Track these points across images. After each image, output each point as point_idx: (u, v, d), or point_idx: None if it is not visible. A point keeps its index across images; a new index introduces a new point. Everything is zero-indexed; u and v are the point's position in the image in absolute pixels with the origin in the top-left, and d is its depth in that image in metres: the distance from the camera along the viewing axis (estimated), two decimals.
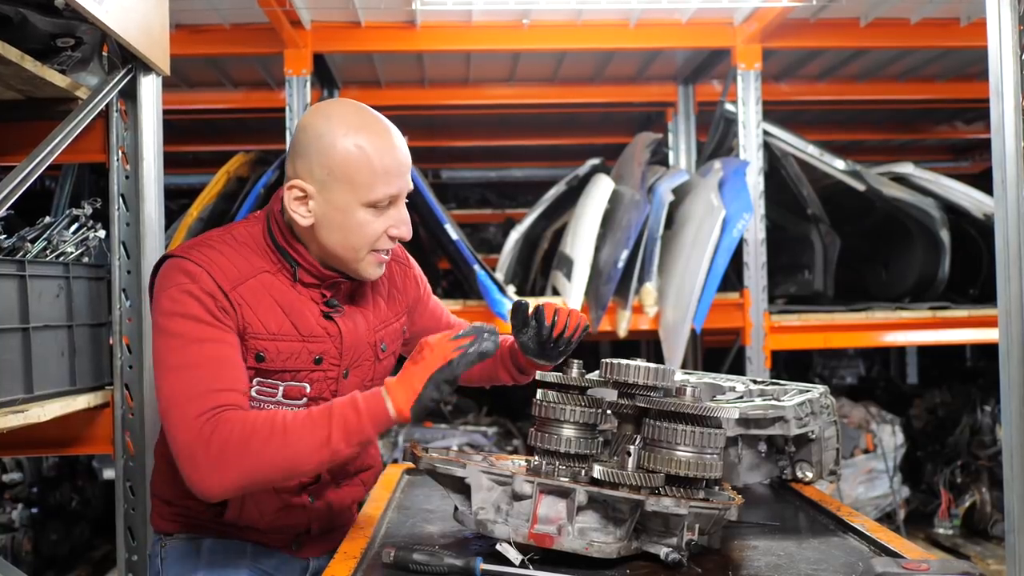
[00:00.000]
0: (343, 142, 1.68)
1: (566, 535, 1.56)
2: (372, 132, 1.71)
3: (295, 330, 1.75)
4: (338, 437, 1.57)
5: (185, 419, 1.58)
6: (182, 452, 1.58)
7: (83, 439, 2.69)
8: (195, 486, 1.58)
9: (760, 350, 4.20)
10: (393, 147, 1.72)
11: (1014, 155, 2.25)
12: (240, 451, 1.55)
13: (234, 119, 5.86)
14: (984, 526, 4.96)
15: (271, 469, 1.57)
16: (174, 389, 1.61)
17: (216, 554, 1.84)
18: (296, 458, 1.57)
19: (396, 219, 1.74)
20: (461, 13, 4.04)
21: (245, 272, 1.72)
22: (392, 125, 1.76)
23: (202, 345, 1.63)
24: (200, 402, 1.59)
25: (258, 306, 1.71)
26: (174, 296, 1.66)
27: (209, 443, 1.55)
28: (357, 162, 1.68)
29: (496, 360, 2.05)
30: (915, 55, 4.99)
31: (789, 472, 2.12)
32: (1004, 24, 2.26)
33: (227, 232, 1.79)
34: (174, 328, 1.64)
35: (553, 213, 4.90)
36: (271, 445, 1.55)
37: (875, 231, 4.78)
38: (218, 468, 1.56)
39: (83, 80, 2.57)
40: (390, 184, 1.71)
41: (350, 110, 1.73)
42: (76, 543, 4.79)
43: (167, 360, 1.64)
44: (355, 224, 1.71)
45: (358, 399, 1.59)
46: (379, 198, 1.70)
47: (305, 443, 1.56)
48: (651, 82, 5.40)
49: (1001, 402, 2.31)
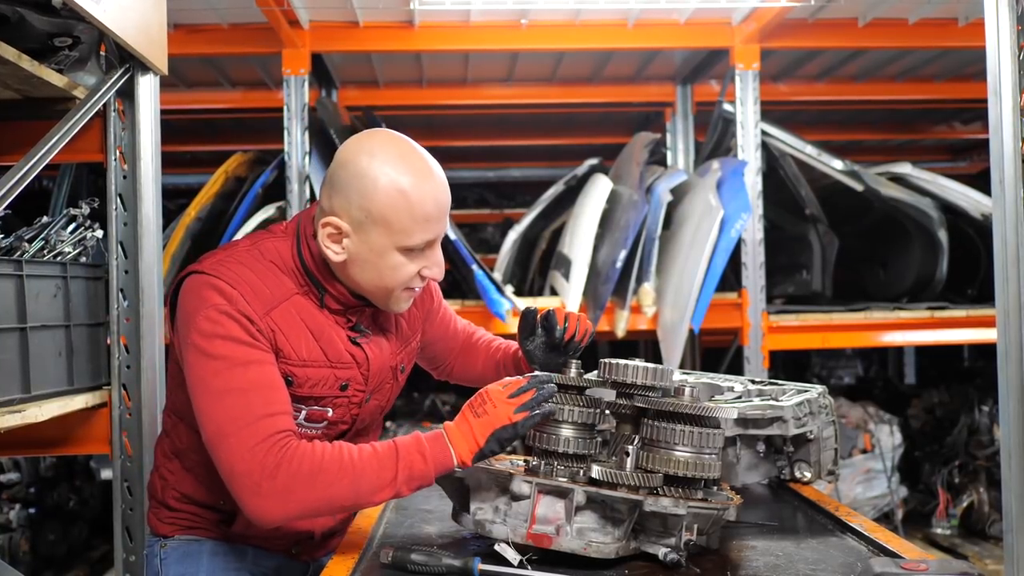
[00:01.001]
0: (384, 185, 1.63)
1: (564, 535, 1.56)
2: (415, 176, 1.65)
3: (324, 356, 1.73)
4: (403, 479, 1.57)
5: (244, 447, 1.55)
6: (242, 480, 1.56)
7: (80, 439, 2.69)
8: (254, 512, 1.57)
9: (758, 350, 4.20)
10: (435, 192, 1.67)
11: (1012, 155, 2.25)
12: (308, 485, 1.55)
13: (232, 119, 5.85)
14: (982, 526, 4.96)
15: (335, 504, 1.58)
16: (226, 416, 1.58)
17: (217, 556, 1.84)
18: (361, 496, 1.58)
19: (431, 261, 1.72)
20: (459, 13, 4.03)
21: (277, 295, 1.69)
22: (434, 165, 1.70)
23: (247, 368, 1.61)
24: (257, 429, 1.56)
25: (290, 331, 1.69)
26: (212, 317, 1.61)
27: (275, 475, 1.54)
28: (396, 208, 1.63)
29: (499, 368, 2.05)
30: (913, 55, 5.00)
31: (787, 472, 2.12)
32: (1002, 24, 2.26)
33: (254, 247, 1.74)
34: (216, 350, 1.60)
35: (551, 213, 4.90)
36: (341, 482, 1.56)
37: (873, 231, 4.78)
38: (283, 499, 1.55)
39: (81, 80, 2.56)
40: (428, 231, 1.67)
41: (393, 150, 1.67)
42: (73, 543, 4.78)
43: (212, 384, 1.60)
44: (388, 266, 1.68)
45: (424, 444, 1.59)
46: (416, 244, 1.68)
47: (371, 483, 1.57)
48: (649, 82, 5.39)
49: (999, 402, 2.31)
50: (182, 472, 1.83)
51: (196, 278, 1.67)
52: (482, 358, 2.09)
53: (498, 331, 3.89)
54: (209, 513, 1.83)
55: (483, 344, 2.11)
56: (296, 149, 4.11)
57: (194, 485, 1.82)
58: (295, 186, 4.09)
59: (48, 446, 2.75)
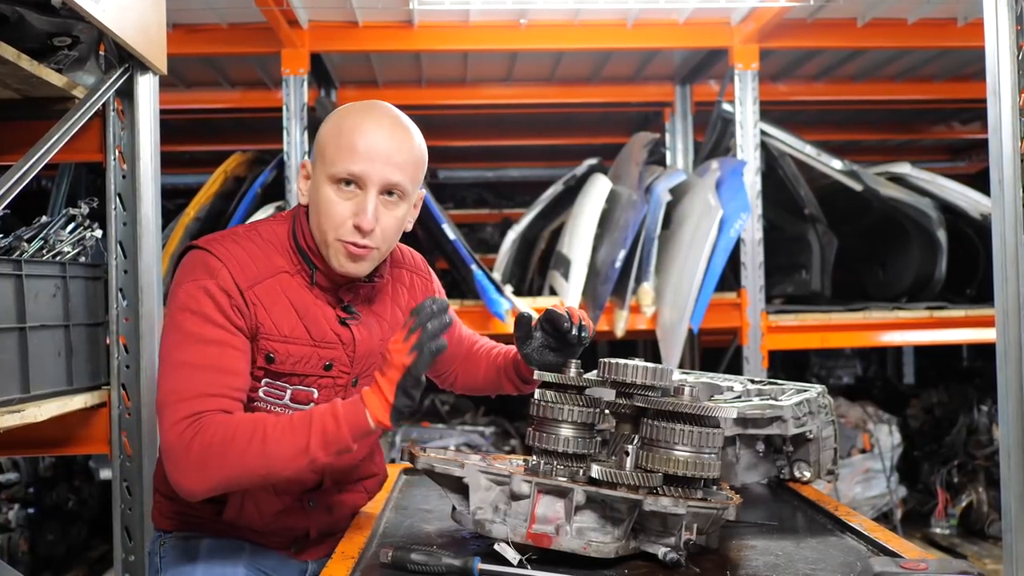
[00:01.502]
0: (332, 119, 1.75)
1: (564, 535, 1.56)
2: (359, 112, 1.74)
3: (307, 334, 1.75)
4: (316, 445, 1.57)
5: (173, 420, 1.61)
6: (166, 452, 1.62)
7: (80, 439, 2.69)
8: (176, 485, 1.62)
9: (757, 350, 4.20)
10: (372, 130, 1.71)
11: (1011, 155, 2.25)
12: (220, 456, 1.57)
13: (231, 119, 5.85)
14: (981, 525, 4.96)
15: (249, 474, 1.59)
16: (171, 386, 1.64)
17: (214, 552, 1.84)
18: (274, 465, 1.58)
19: (359, 207, 1.71)
20: (458, 13, 4.03)
21: (264, 271, 1.73)
22: (395, 116, 1.76)
23: (207, 346, 1.65)
24: (190, 405, 1.61)
25: (273, 307, 1.72)
26: (191, 291, 1.67)
27: (190, 447, 1.58)
28: (328, 135, 1.73)
29: (500, 373, 2.05)
30: (912, 55, 5.00)
31: (787, 472, 2.12)
32: (1001, 24, 2.26)
33: (253, 229, 1.80)
34: (184, 324, 1.66)
35: (550, 213, 4.90)
36: (250, 451, 1.57)
37: (872, 231, 4.78)
38: (199, 472, 1.58)
39: (80, 79, 2.56)
40: (352, 161, 1.69)
41: (368, 101, 1.79)
42: (73, 543, 4.78)
43: (171, 355, 1.66)
44: (322, 201, 1.72)
45: (338, 408, 1.59)
46: (337, 172, 1.70)
47: (284, 450, 1.57)
48: (648, 82, 5.40)
49: (998, 402, 2.31)
50: None
51: (191, 252, 1.74)
52: (483, 365, 2.09)
53: (497, 331, 3.89)
54: (205, 505, 1.82)
55: (484, 351, 2.11)
56: (295, 149, 4.11)
57: None
58: (294, 186, 4.09)
59: (47, 446, 2.75)
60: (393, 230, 1.76)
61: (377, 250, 1.75)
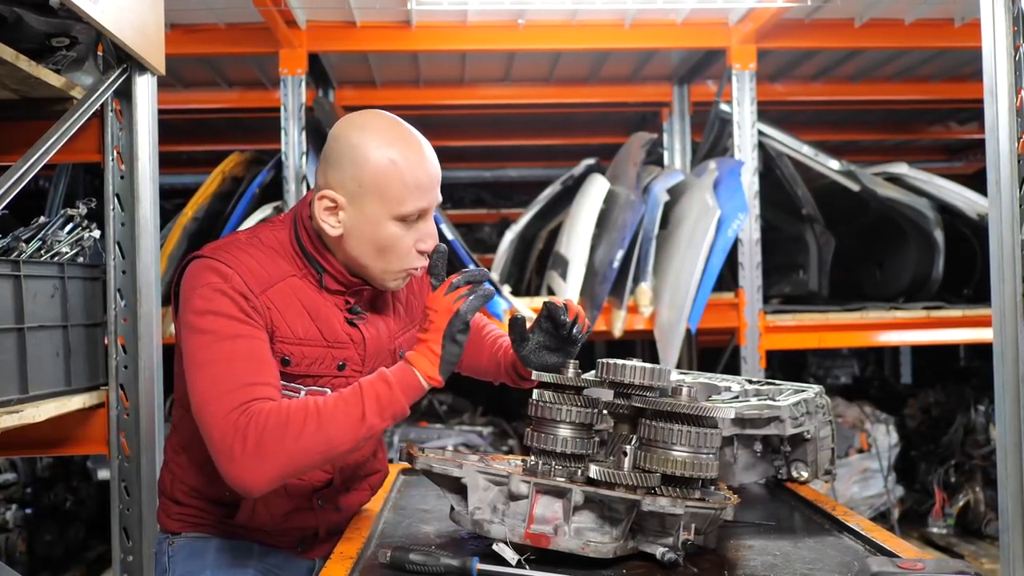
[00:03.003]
0: (376, 154, 1.68)
1: (562, 535, 1.56)
2: (405, 145, 1.71)
3: (321, 335, 1.75)
4: (372, 412, 1.59)
5: (220, 414, 1.57)
6: (219, 448, 1.57)
7: (78, 439, 2.69)
8: (235, 480, 1.56)
9: (755, 350, 4.21)
10: (425, 161, 1.72)
11: (1008, 155, 2.26)
12: (278, 440, 1.55)
13: (229, 119, 5.85)
14: (978, 525, 4.97)
15: (310, 453, 1.57)
16: (208, 385, 1.61)
17: (224, 553, 1.85)
18: (334, 438, 1.58)
19: (424, 232, 1.74)
20: (456, 13, 4.03)
21: (273, 276, 1.72)
22: (424, 139, 1.76)
23: (235, 341, 1.63)
24: (234, 396, 1.58)
25: (286, 310, 1.72)
26: (206, 295, 1.65)
27: (245, 436, 1.55)
28: (389, 175, 1.68)
29: (500, 368, 2.06)
30: (910, 55, 5.01)
31: (785, 472, 2.12)
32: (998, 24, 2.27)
33: (254, 235, 1.79)
34: (206, 325, 1.64)
35: (548, 213, 4.90)
36: (307, 430, 1.56)
37: (870, 231, 4.79)
38: (258, 461, 1.55)
39: (78, 80, 2.56)
40: (421, 198, 1.71)
41: (383, 122, 1.74)
42: (71, 544, 4.77)
43: (199, 357, 1.63)
44: (384, 237, 1.71)
45: (387, 373, 1.62)
46: (409, 212, 1.70)
47: (340, 422, 1.58)
48: (646, 82, 5.40)
49: (995, 401, 2.32)
50: (190, 466, 1.84)
51: (196, 262, 1.72)
52: (487, 353, 2.11)
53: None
54: (216, 508, 1.84)
55: (490, 339, 2.12)
56: (293, 149, 4.11)
57: (201, 479, 1.83)
58: (292, 186, 4.09)
59: (45, 446, 2.75)
60: None
61: None
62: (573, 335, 1.85)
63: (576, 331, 1.85)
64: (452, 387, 5.56)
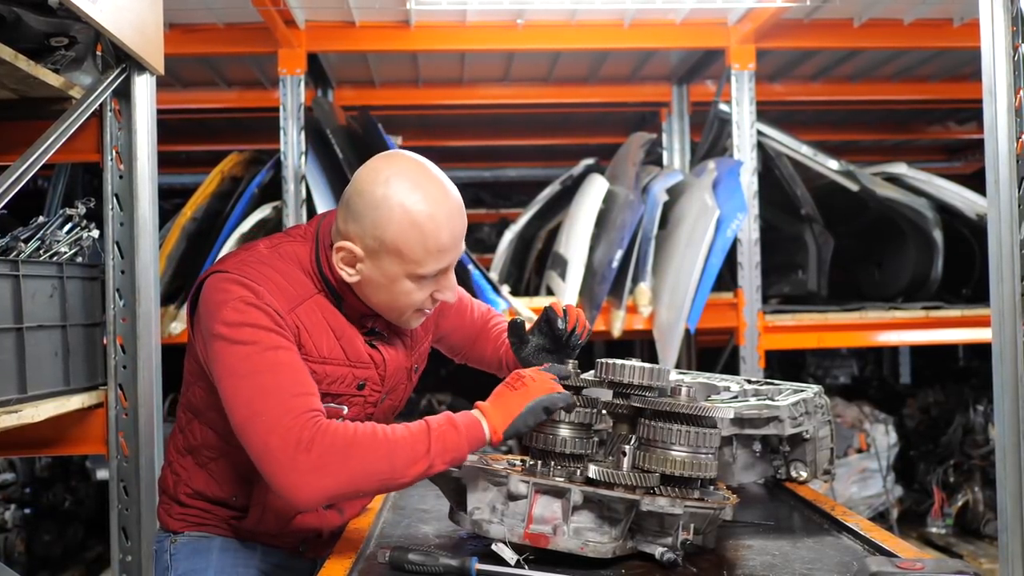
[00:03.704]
0: (399, 217, 1.64)
1: (561, 535, 1.56)
2: (429, 207, 1.66)
3: (344, 355, 1.75)
4: (437, 451, 1.57)
5: (278, 423, 1.55)
6: (276, 456, 1.54)
7: (77, 439, 2.69)
8: (288, 490, 1.54)
9: (754, 350, 4.21)
10: (449, 223, 1.69)
11: (1007, 155, 2.26)
12: (343, 459, 1.54)
13: (228, 119, 5.84)
14: (977, 525, 4.97)
15: (371, 478, 1.56)
16: (254, 395, 1.58)
17: (226, 552, 1.85)
18: (396, 469, 1.56)
19: (443, 285, 1.74)
20: (455, 13, 4.03)
21: (301, 294, 1.72)
22: (451, 191, 1.71)
23: (276, 352, 1.62)
24: (291, 405, 1.57)
25: (313, 329, 1.71)
26: (239, 308, 1.63)
27: (310, 448, 1.53)
28: (409, 240, 1.65)
29: (501, 363, 2.09)
30: (908, 55, 5.01)
31: (783, 472, 2.12)
32: (997, 24, 2.27)
33: (274, 249, 1.77)
34: (244, 337, 1.61)
35: (547, 213, 4.90)
36: (375, 454, 1.55)
37: (868, 231, 4.79)
38: (319, 474, 1.53)
39: (77, 79, 2.56)
40: (441, 260, 1.70)
41: (409, 179, 1.67)
42: (69, 544, 4.77)
43: (240, 367, 1.60)
44: (400, 291, 1.71)
45: (455, 419, 1.61)
46: (428, 273, 1.70)
47: (406, 454, 1.56)
48: (645, 82, 5.40)
49: (994, 401, 2.32)
50: (195, 468, 1.84)
51: (220, 276, 1.69)
52: (491, 346, 2.13)
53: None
54: (220, 509, 1.84)
55: (495, 332, 2.14)
56: (292, 149, 4.11)
57: (207, 481, 1.83)
58: (291, 186, 4.09)
59: (44, 446, 2.75)
60: None
61: None
62: (571, 342, 1.85)
63: (574, 339, 1.86)
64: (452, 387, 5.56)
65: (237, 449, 1.72)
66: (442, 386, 5.59)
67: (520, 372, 1.67)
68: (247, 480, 1.80)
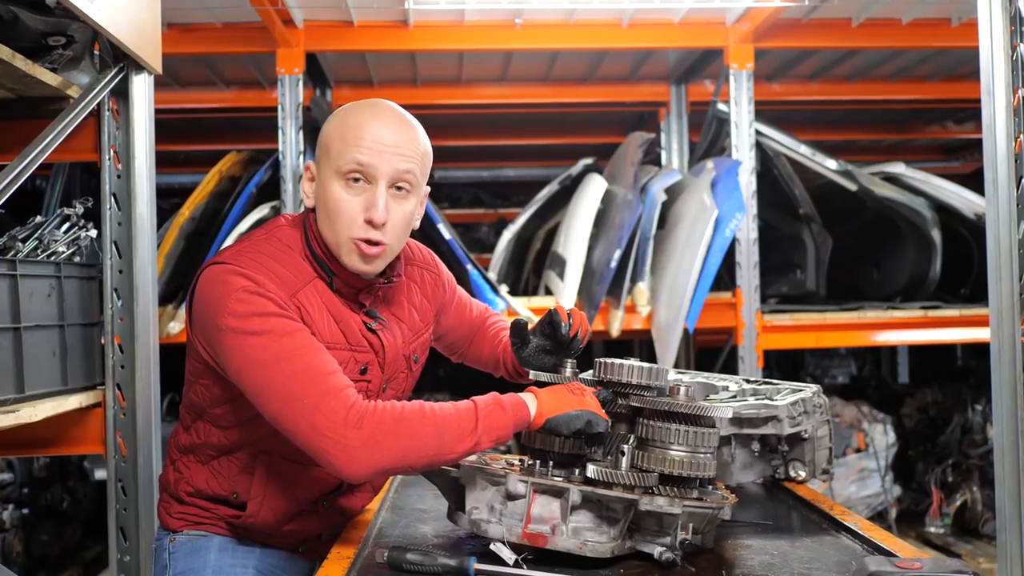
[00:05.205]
0: (336, 116, 1.75)
1: (560, 535, 1.56)
2: (362, 107, 1.75)
3: (344, 339, 1.75)
4: (484, 428, 1.59)
5: (323, 403, 1.55)
6: (328, 436, 1.55)
7: (75, 439, 2.69)
8: (344, 467, 1.56)
9: (752, 349, 4.21)
10: (377, 124, 1.71)
11: (1005, 155, 2.26)
12: (393, 434, 1.55)
13: (226, 118, 5.83)
14: (975, 524, 4.97)
15: (420, 453, 1.57)
16: (290, 380, 1.58)
17: (225, 552, 1.85)
18: (444, 444, 1.57)
19: (369, 202, 1.71)
20: (454, 13, 4.03)
21: (299, 279, 1.72)
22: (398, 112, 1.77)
23: (293, 336, 1.62)
24: (329, 384, 1.58)
25: (314, 313, 1.72)
26: (244, 298, 1.63)
27: (361, 425, 1.55)
28: (333, 131, 1.73)
29: (499, 363, 2.09)
30: (907, 55, 5.01)
31: (782, 471, 2.12)
32: (995, 24, 2.27)
33: (270, 236, 1.77)
34: (257, 326, 1.61)
35: (546, 213, 4.90)
36: (424, 430, 1.57)
37: (867, 231, 4.79)
38: (371, 449, 1.54)
39: (75, 79, 2.56)
40: (360, 152, 1.69)
41: (370, 100, 1.79)
42: (67, 544, 4.77)
43: (261, 357, 1.60)
44: (331, 199, 1.71)
45: (501, 399, 1.63)
46: (345, 165, 1.69)
47: (454, 430, 1.58)
48: (643, 82, 5.39)
49: (992, 401, 2.32)
50: (197, 466, 1.85)
51: (217, 267, 1.69)
52: (488, 345, 2.13)
53: None
54: (220, 508, 1.84)
55: (493, 331, 2.14)
56: (290, 149, 4.10)
57: (208, 479, 1.83)
58: (289, 186, 4.08)
59: (42, 446, 2.75)
60: (403, 225, 1.76)
61: (388, 247, 1.75)
62: (572, 345, 1.86)
63: (576, 342, 1.86)
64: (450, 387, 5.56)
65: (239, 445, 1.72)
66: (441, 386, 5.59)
67: (582, 385, 1.70)
68: (248, 476, 1.80)
